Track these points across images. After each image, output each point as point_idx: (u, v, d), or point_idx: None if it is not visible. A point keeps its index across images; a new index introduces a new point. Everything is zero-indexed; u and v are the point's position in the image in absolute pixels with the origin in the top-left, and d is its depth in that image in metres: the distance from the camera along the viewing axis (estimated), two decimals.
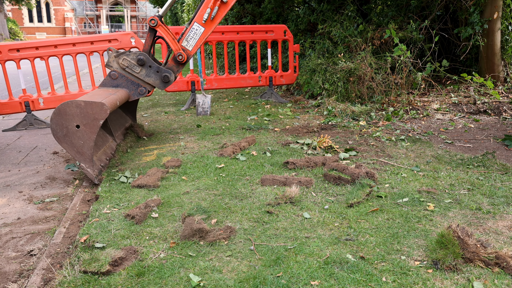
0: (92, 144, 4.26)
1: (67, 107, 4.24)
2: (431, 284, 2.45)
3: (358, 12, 9.27)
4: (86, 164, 4.28)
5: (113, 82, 5.21)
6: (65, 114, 4.25)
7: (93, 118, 4.25)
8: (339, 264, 2.67)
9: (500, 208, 3.39)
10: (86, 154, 4.27)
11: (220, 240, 3.00)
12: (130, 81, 5.25)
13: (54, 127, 4.26)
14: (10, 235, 3.35)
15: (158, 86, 5.35)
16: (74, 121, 4.24)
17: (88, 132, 4.25)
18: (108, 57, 5.22)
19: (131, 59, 5.16)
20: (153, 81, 5.27)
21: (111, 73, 5.19)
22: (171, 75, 5.28)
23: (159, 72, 5.26)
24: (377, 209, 3.42)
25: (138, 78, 5.25)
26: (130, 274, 2.65)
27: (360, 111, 6.81)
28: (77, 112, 4.24)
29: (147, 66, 5.23)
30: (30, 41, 6.94)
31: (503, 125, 6.01)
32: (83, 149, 4.26)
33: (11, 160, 5.35)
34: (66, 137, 4.26)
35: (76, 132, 4.25)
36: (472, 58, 8.49)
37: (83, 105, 4.24)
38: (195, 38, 5.33)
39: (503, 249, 2.71)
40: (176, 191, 3.91)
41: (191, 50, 5.37)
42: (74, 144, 4.27)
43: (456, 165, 4.44)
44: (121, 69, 5.20)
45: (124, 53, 5.20)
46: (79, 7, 64.25)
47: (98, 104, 4.26)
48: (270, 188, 3.92)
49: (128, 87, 5.25)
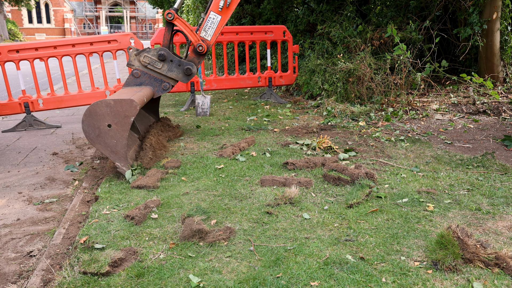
0: (125, 142, 4.27)
1: (97, 107, 4.23)
2: (430, 285, 2.45)
3: (357, 12, 9.29)
4: (121, 163, 4.30)
5: (136, 80, 5.20)
6: (95, 114, 4.23)
7: (123, 115, 4.24)
8: (339, 264, 2.67)
9: (500, 209, 3.39)
10: (120, 152, 4.28)
11: (220, 240, 3.00)
12: (153, 78, 5.23)
13: (86, 128, 4.25)
14: (10, 236, 3.35)
15: (181, 80, 5.33)
16: (105, 120, 4.23)
17: (120, 130, 4.25)
18: (129, 56, 5.21)
19: (152, 56, 5.14)
20: (175, 75, 5.26)
21: (134, 72, 5.17)
22: (193, 68, 5.27)
23: (181, 65, 5.24)
24: (377, 209, 3.42)
25: (161, 74, 5.23)
26: (130, 275, 2.65)
27: (360, 112, 6.82)
28: (107, 111, 4.23)
29: (169, 60, 5.21)
30: (29, 42, 6.94)
31: (503, 125, 6.01)
32: (117, 148, 4.27)
33: (11, 161, 5.34)
34: (99, 137, 4.26)
35: (108, 132, 4.24)
36: (472, 59, 8.49)
37: (113, 103, 4.22)
38: (212, 28, 5.31)
39: (503, 249, 2.71)
40: (176, 192, 3.91)
41: (210, 40, 5.35)
42: (108, 144, 4.27)
43: (455, 165, 4.44)
44: (143, 66, 5.18)
45: (145, 50, 5.19)
46: (79, 8, 64.26)
47: (128, 101, 4.25)
48: (269, 189, 3.92)
49: (151, 84, 5.24)
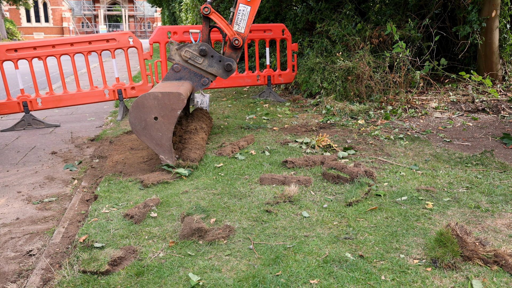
0: (170, 135, 4.29)
1: (144, 100, 4.24)
2: (430, 283, 2.45)
3: (356, 10, 9.28)
4: (165, 156, 4.32)
5: (176, 75, 5.18)
6: (143, 107, 4.24)
7: (171, 108, 4.26)
8: (338, 262, 2.68)
9: (499, 206, 3.40)
10: (165, 145, 4.30)
11: (219, 239, 3.00)
12: (193, 73, 5.21)
13: (133, 120, 4.27)
14: (9, 235, 3.35)
15: (220, 75, 5.30)
16: (152, 113, 4.25)
17: (166, 123, 4.27)
18: (170, 50, 5.19)
19: (193, 50, 5.13)
20: (215, 70, 5.24)
21: (174, 66, 5.15)
22: (233, 63, 5.25)
23: (222, 61, 5.23)
24: (376, 207, 3.42)
25: (201, 69, 5.21)
26: (129, 274, 2.65)
27: (359, 110, 6.82)
28: (154, 104, 4.24)
29: (209, 56, 5.19)
30: (28, 41, 6.92)
31: (502, 123, 6.02)
32: (162, 140, 4.28)
33: (10, 160, 5.34)
34: (145, 130, 4.28)
35: (154, 124, 4.26)
36: (471, 57, 8.50)
37: (161, 96, 4.23)
38: (244, 19, 5.28)
39: (502, 247, 2.71)
40: (175, 191, 3.91)
41: (244, 32, 5.32)
42: (153, 137, 4.28)
43: (454, 163, 4.45)
44: (184, 61, 5.17)
45: (186, 45, 5.17)
46: (77, 7, 64.18)
47: (175, 94, 4.26)
48: (269, 187, 3.92)
49: (191, 79, 5.22)
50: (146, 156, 5.09)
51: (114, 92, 7.49)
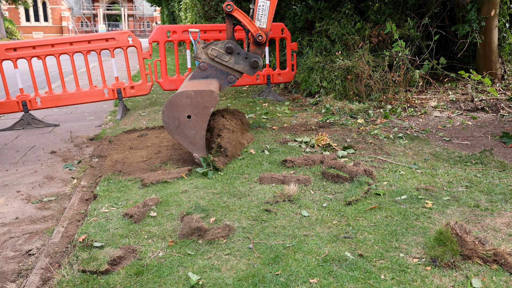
0: (203, 133, 4.32)
1: (177, 99, 4.27)
2: (429, 281, 2.46)
3: (355, 10, 9.28)
4: (199, 153, 4.36)
5: (202, 73, 5.18)
6: (176, 105, 4.27)
7: (203, 106, 4.29)
8: (338, 262, 2.68)
9: (498, 205, 3.40)
10: (199, 144, 4.34)
11: (219, 238, 3.00)
12: (219, 71, 5.21)
13: (166, 120, 4.30)
14: (8, 235, 3.35)
15: (247, 72, 5.30)
16: (185, 111, 4.28)
17: (199, 121, 4.30)
18: (196, 49, 5.20)
19: (219, 48, 5.12)
20: (242, 68, 5.24)
21: (201, 65, 5.15)
22: (260, 60, 5.25)
23: (248, 58, 5.22)
24: (376, 206, 3.42)
25: (227, 67, 5.20)
26: (129, 273, 2.65)
27: (358, 109, 6.82)
28: (187, 103, 4.27)
29: (236, 53, 5.18)
30: (27, 41, 6.92)
31: (501, 122, 6.02)
32: (195, 139, 4.32)
33: (9, 159, 5.33)
34: (178, 128, 4.31)
35: (187, 123, 4.30)
36: (470, 56, 8.50)
37: (193, 94, 4.26)
38: (265, 14, 5.27)
39: (501, 246, 2.71)
40: (175, 190, 3.91)
41: (266, 27, 5.32)
42: (186, 135, 4.32)
43: (454, 162, 4.45)
44: (210, 59, 5.16)
45: (212, 43, 5.17)
46: (76, 6, 64.12)
47: (208, 92, 4.28)
48: (268, 187, 3.92)
49: (217, 77, 5.22)
50: (145, 155, 5.09)
51: (113, 92, 7.48)
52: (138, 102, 8.77)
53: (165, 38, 7.80)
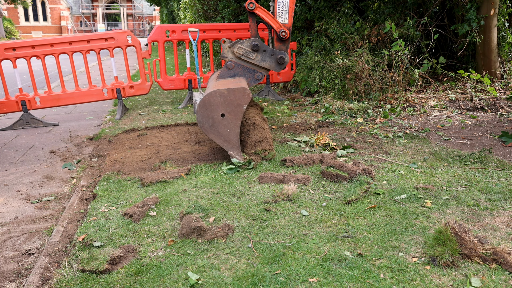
0: (237, 130, 4.34)
1: (211, 98, 4.29)
2: (429, 281, 2.46)
3: (354, 9, 9.27)
4: (234, 151, 4.38)
5: (230, 72, 5.21)
6: (209, 105, 4.30)
7: (236, 104, 4.30)
8: (337, 261, 2.68)
9: (497, 204, 3.41)
10: (233, 141, 4.36)
11: (218, 238, 3.01)
12: (246, 69, 5.23)
13: (201, 119, 4.33)
14: (8, 235, 3.35)
15: (273, 69, 5.31)
16: (219, 110, 4.31)
17: (233, 119, 4.33)
18: (223, 48, 5.22)
19: (245, 47, 5.14)
20: (269, 64, 5.25)
21: (227, 64, 5.18)
22: (286, 56, 5.25)
23: (274, 54, 5.23)
24: (375, 206, 3.43)
25: (254, 64, 5.22)
26: (129, 273, 2.65)
27: (358, 108, 6.82)
28: (221, 101, 4.29)
29: (262, 50, 5.20)
30: (26, 40, 6.91)
31: (500, 122, 6.02)
32: (230, 136, 4.34)
33: (8, 159, 5.33)
34: (213, 127, 4.34)
35: (221, 121, 4.32)
36: (469, 55, 8.50)
37: (226, 93, 4.28)
38: (285, 10, 5.28)
39: (501, 245, 2.71)
40: (174, 189, 3.91)
41: (288, 23, 5.31)
42: (221, 133, 4.35)
43: (453, 161, 4.45)
44: (237, 58, 5.19)
45: (238, 42, 5.19)
46: (75, 5, 64.07)
47: (241, 90, 4.30)
48: (268, 186, 3.92)
49: (245, 75, 5.24)
50: (144, 155, 5.09)
51: (112, 91, 7.48)
52: (137, 102, 8.76)
53: (165, 38, 7.79)
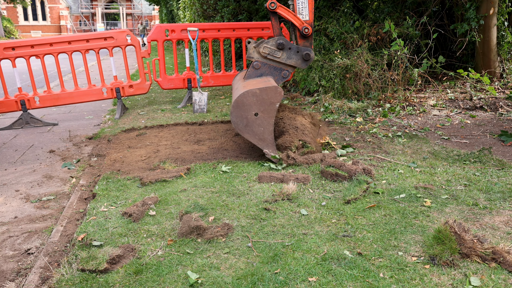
0: (271, 128, 4.39)
1: (244, 98, 4.34)
2: (428, 280, 2.46)
3: (354, 8, 9.27)
4: (269, 149, 4.43)
5: (256, 72, 5.25)
6: (243, 105, 4.35)
7: (269, 102, 4.35)
8: (337, 260, 2.68)
9: (497, 204, 3.41)
10: (268, 139, 4.42)
11: (218, 237, 3.01)
12: (272, 67, 5.26)
13: (235, 120, 4.39)
14: (7, 234, 3.35)
15: (300, 66, 5.34)
16: (252, 109, 4.36)
17: (266, 117, 4.38)
18: (248, 49, 5.25)
19: (271, 46, 5.17)
20: (295, 62, 5.27)
21: (254, 64, 5.22)
22: (311, 52, 5.27)
23: (299, 51, 5.25)
24: (374, 205, 3.43)
25: (280, 63, 5.25)
26: (128, 272, 2.65)
27: (357, 108, 6.82)
28: (253, 101, 4.34)
29: (287, 48, 5.22)
30: (25, 40, 6.91)
31: (500, 121, 6.03)
32: (264, 135, 4.40)
33: (8, 159, 5.33)
34: (247, 127, 4.40)
35: (255, 120, 4.38)
36: (468, 54, 8.50)
37: (259, 92, 4.33)
38: (305, 7, 5.29)
39: (500, 244, 2.72)
40: (173, 189, 3.91)
41: (309, 19, 5.33)
42: (255, 132, 4.40)
43: (452, 161, 4.45)
44: (263, 57, 5.22)
45: (263, 41, 5.22)
46: (74, 5, 63.98)
47: (273, 88, 4.35)
48: (267, 185, 3.92)
49: (271, 74, 5.28)
50: (144, 154, 5.09)
51: (112, 91, 7.48)
52: (137, 101, 8.76)
53: (164, 37, 7.79)
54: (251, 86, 4.55)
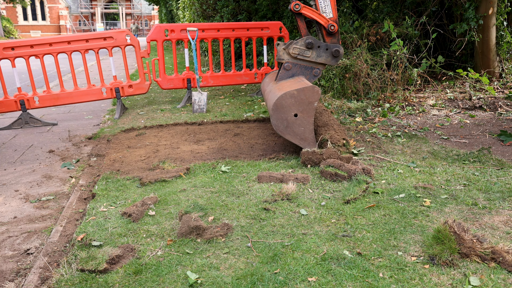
0: (312, 127, 4.45)
1: (282, 101, 4.40)
2: (427, 280, 2.46)
3: (353, 8, 9.28)
4: (310, 148, 4.47)
5: (288, 73, 5.29)
6: (282, 107, 4.42)
7: (307, 102, 4.40)
8: (336, 260, 2.68)
9: (496, 203, 3.41)
10: (309, 138, 4.48)
11: (217, 237, 3.01)
12: (303, 67, 5.30)
13: (275, 122, 4.45)
14: (7, 234, 3.34)
15: (329, 63, 5.38)
16: (292, 111, 4.42)
17: (306, 117, 4.44)
18: (278, 51, 5.29)
19: (300, 46, 5.21)
20: (324, 59, 5.31)
21: (285, 65, 5.26)
22: (340, 48, 5.32)
23: (329, 49, 5.29)
24: (374, 205, 3.43)
25: (310, 62, 5.29)
26: (128, 272, 2.65)
27: (356, 108, 6.82)
28: (292, 102, 4.40)
29: (316, 47, 5.26)
30: (24, 39, 6.90)
31: (499, 121, 6.03)
32: (305, 134, 4.47)
33: (7, 159, 5.33)
34: (288, 128, 4.46)
35: (295, 121, 4.44)
36: (468, 54, 8.51)
37: (296, 93, 4.38)
38: (327, 5, 5.32)
39: (499, 244, 2.72)
40: (173, 189, 3.91)
41: (333, 16, 5.37)
42: (296, 133, 4.47)
43: (452, 160, 4.46)
44: (293, 58, 5.26)
45: (292, 43, 5.26)
46: (74, 4, 63.95)
47: (310, 88, 4.40)
48: (266, 185, 3.92)
49: (303, 73, 5.32)
50: (143, 154, 5.09)
51: (111, 90, 7.47)
52: (136, 101, 8.76)
53: (163, 37, 7.79)
54: (287, 87, 4.61)
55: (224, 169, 4.35)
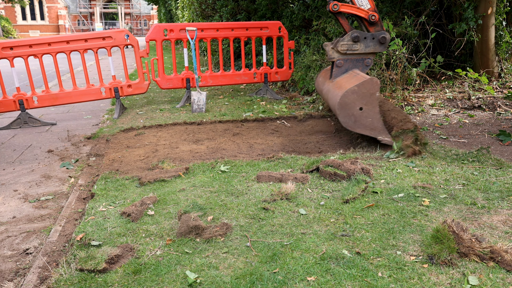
0: (378, 116, 4.64)
1: (345, 99, 4.59)
2: (426, 279, 2.46)
3: None
4: (382, 135, 4.67)
5: (341, 69, 5.41)
6: (346, 105, 4.60)
7: (369, 94, 4.59)
8: (335, 259, 2.68)
9: (495, 203, 3.41)
10: (378, 127, 4.67)
11: (216, 237, 3.01)
12: (354, 60, 5.42)
13: (343, 119, 4.68)
14: (6, 234, 3.34)
15: (378, 50, 5.49)
16: (356, 105, 4.60)
17: (371, 108, 4.65)
18: (326, 51, 5.42)
19: (347, 42, 5.33)
20: (373, 48, 5.43)
21: (337, 63, 5.38)
22: (386, 34, 5.40)
23: (375, 37, 5.39)
24: (373, 204, 3.43)
25: (360, 54, 5.41)
26: (127, 272, 2.65)
27: None
28: (354, 98, 4.58)
29: (363, 39, 5.37)
30: (23, 39, 6.90)
31: (498, 120, 6.04)
32: (374, 124, 4.65)
33: (6, 158, 5.32)
34: (357, 122, 4.69)
35: (362, 114, 4.66)
36: (467, 54, 8.51)
37: (357, 88, 4.57)
38: None
39: (498, 243, 2.72)
40: (172, 189, 3.91)
41: (372, 6, 5.45)
42: (365, 125, 4.65)
43: (451, 160, 4.46)
44: (343, 54, 5.37)
45: (338, 40, 5.36)
46: (73, 4, 63.89)
47: (369, 81, 4.57)
48: (266, 185, 3.92)
49: (355, 66, 5.44)
50: (142, 154, 5.09)
51: (110, 90, 7.47)
52: (135, 101, 8.75)
53: (162, 37, 7.78)
54: (345, 84, 4.78)
55: (223, 168, 4.35)
